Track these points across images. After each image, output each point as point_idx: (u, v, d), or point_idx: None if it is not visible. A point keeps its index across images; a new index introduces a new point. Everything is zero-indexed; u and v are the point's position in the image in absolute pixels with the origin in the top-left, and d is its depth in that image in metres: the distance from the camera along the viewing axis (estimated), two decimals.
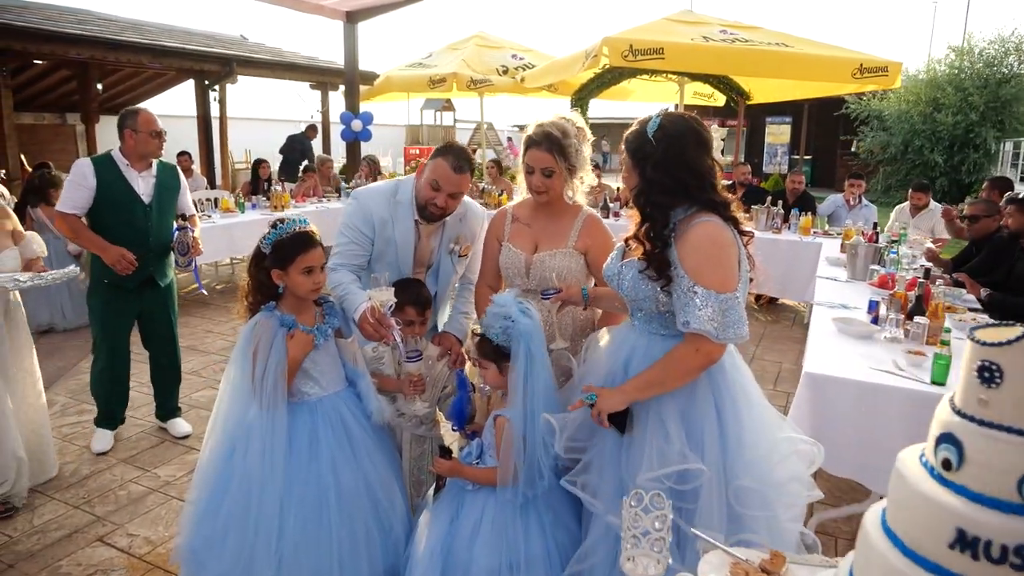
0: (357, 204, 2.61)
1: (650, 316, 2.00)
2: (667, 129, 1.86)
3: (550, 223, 2.50)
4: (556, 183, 2.39)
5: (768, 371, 5.26)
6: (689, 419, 1.90)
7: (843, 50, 7.82)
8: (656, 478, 1.80)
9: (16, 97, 10.95)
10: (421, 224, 2.62)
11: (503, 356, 2.15)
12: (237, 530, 2.09)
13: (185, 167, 9.16)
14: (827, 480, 3.47)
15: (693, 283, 1.80)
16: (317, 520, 2.12)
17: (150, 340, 3.93)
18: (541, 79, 9.41)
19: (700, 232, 1.84)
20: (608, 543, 1.94)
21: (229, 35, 14.25)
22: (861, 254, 4.65)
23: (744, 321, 1.85)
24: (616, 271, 2.05)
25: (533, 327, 2.12)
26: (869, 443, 2.66)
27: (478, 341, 2.23)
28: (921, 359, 2.84)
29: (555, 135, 2.33)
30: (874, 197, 16.29)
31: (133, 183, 3.56)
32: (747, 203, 7.25)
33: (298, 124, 17.64)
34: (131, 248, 3.51)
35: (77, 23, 9.71)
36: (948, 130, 16.74)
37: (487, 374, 2.22)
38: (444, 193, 2.48)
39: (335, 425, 2.24)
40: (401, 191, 2.60)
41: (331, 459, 2.19)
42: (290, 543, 2.09)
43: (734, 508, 1.84)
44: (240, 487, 2.12)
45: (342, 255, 2.57)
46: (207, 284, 7.91)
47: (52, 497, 3.29)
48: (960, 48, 17.76)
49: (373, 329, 2.31)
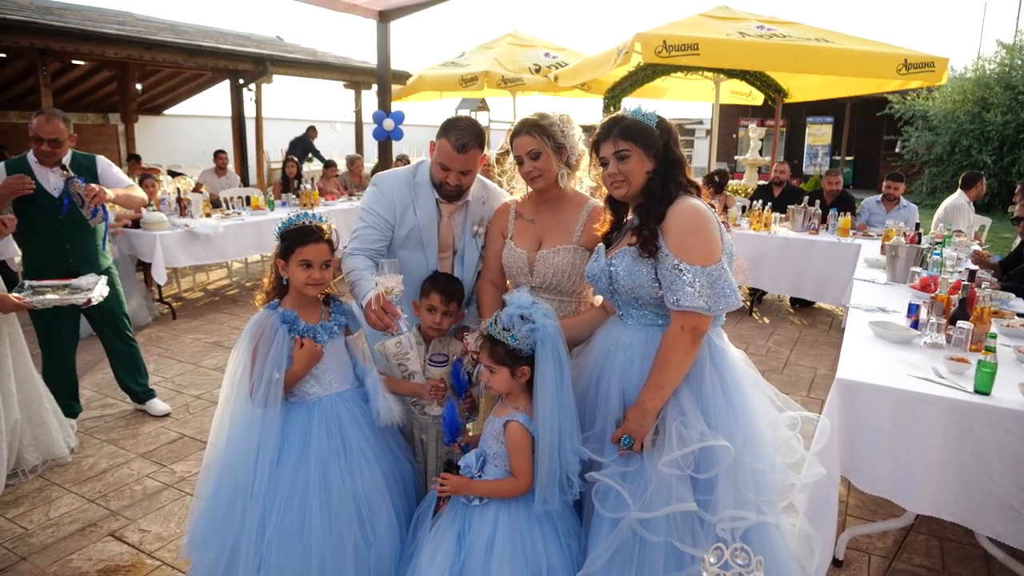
0: (377, 189, 2.58)
1: (645, 306, 2.03)
2: (663, 123, 2.03)
3: (554, 216, 2.41)
4: (546, 164, 2.31)
5: (802, 377, 5.07)
6: (703, 404, 1.93)
7: (886, 46, 7.54)
8: (675, 462, 1.83)
9: (60, 98, 11.28)
10: (443, 204, 2.57)
11: (519, 359, 2.03)
12: (224, 528, 2.07)
13: (221, 165, 9.30)
14: (860, 493, 3.30)
15: (678, 260, 1.88)
16: (300, 525, 2.05)
17: (99, 326, 4.02)
18: (574, 78, 9.28)
19: (679, 209, 1.95)
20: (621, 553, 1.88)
21: (264, 35, 14.44)
22: (902, 255, 4.45)
23: (735, 289, 1.92)
24: (604, 267, 2.07)
25: (557, 329, 2.02)
26: (905, 457, 2.49)
27: (489, 344, 2.07)
28: (964, 366, 2.66)
29: (533, 119, 2.33)
30: (919, 199, 15.80)
31: (43, 180, 3.62)
32: (784, 203, 7.04)
33: (333, 124, 17.90)
34: (49, 241, 3.65)
35: (117, 24, 9.90)
36: (997, 130, 16.10)
37: (496, 379, 2.07)
38: (454, 172, 2.43)
39: (331, 428, 2.17)
40: (420, 173, 2.57)
41: (321, 464, 2.11)
42: (272, 545, 2.03)
43: (743, 494, 1.85)
44: (230, 485, 2.09)
45: (360, 239, 2.54)
46: (239, 281, 7.98)
47: (69, 490, 3.30)
48: (1012, 45, 17.08)
49: (377, 317, 2.22)
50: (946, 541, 2.99)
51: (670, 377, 1.91)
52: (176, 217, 6.62)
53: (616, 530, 1.88)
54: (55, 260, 3.68)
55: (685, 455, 1.83)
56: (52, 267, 3.65)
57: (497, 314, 2.07)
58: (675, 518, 1.83)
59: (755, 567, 1.23)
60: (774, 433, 2.00)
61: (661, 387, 1.91)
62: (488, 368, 2.08)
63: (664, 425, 1.92)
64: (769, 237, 6.44)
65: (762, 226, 6.57)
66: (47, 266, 3.65)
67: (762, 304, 7.29)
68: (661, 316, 2.01)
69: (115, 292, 3.93)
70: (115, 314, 4.02)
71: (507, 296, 2.11)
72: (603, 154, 2.04)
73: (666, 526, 1.82)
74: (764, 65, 8.24)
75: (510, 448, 2.04)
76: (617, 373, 2.03)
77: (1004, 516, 2.36)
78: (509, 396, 2.11)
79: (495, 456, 2.09)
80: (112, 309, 3.96)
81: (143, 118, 13.18)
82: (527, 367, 2.03)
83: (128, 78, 11.04)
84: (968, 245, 5.59)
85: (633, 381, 2.00)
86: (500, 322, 2.05)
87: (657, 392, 1.91)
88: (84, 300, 3.35)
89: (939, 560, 2.86)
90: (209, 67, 11.08)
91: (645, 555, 1.85)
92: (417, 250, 2.55)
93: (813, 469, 2.07)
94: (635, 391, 1.98)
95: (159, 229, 6.06)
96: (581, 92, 10.66)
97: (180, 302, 7.00)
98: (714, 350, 2.01)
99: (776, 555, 1.89)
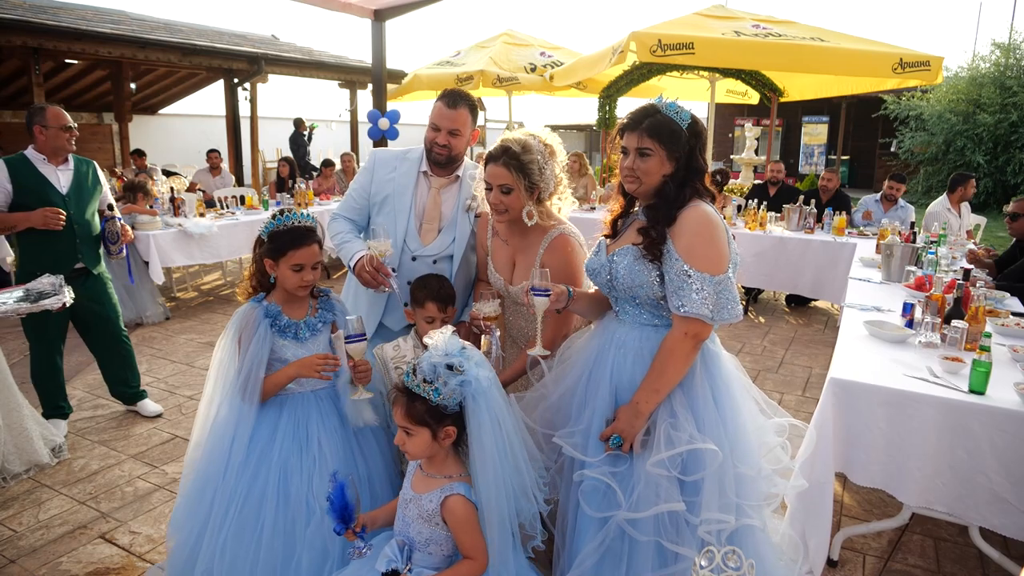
0: (370, 159, 2.77)
1: (642, 305, 2.00)
2: (695, 125, 1.94)
3: (523, 239, 2.38)
4: (514, 202, 2.22)
5: (797, 376, 5.06)
6: (693, 407, 1.92)
7: (882, 45, 7.54)
8: (662, 463, 1.81)
9: (54, 97, 11.21)
10: (432, 177, 2.66)
11: (443, 418, 1.70)
12: (194, 513, 2.11)
13: (214, 164, 9.26)
14: (856, 493, 3.30)
15: (687, 266, 1.85)
16: (255, 517, 2.05)
17: (89, 331, 3.97)
18: (569, 77, 9.27)
19: (691, 214, 1.91)
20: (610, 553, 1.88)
21: (260, 35, 14.41)
22: (897, 255, 4.44)
23: (737, 301, 1.91)
24: (604, 263, 2.03)
25: (492, 380, 1.73)
26: (899, 455, 2.48)
27: (405, 399, 1.72)
28: (959, 366, 2.66)
29: (514, 150, 2.19)
30: (915, 199, 15.81)
31: (50, 177, 3.63)
32: (779, 202, 7.04)
33: (329, 124, 17.85)
34: (58, 241, 3.62)
35: (111, 23, 9.86)
36: (990, 130, 16.14)
37: (413, 443, 1.72)
38: (444, 131, 2.53)
39: (298, 425, 2.15)
40: (413, 151, 2.73)
41: (283, 460, 2.10)
42: (230, 534, 2.04)
43: (728, 498, 1.83)
44: (203, 471, 2.13)
45: (343, 206, 2.75)
46: (233, 281, 7.95)
47: (59, 492, 3.27)
48: (1005, 45, 17.10)
49: (371, 276, 2.37)
50: (941, 541, 2.98)
51: (667, 381, 1.89)
52: (170, 216, 6.59)
53: (604, 529, 1.87)
54: (65, 257, 3.67)
55: (672, 456, 1.82)
56: (62, 263, 3.64)
57: (415, 362, 1.75)
58: (663, 517, 1.82)
59: (747, 570, 1.21)
60: (760, 438, 1.99)
61: (657, 391, 1.89)
62: (403, 429, 1.73)
63: (653, 426, 1.90)
64: (764, 236, 6.43)
65: (757, 225, 6.57)
66: (57, 262, 3.62)
67: (757, 303, 7.28)
68: (657, 316, 2.00)
69: (109, 294, 3.93)
70: (111, 319, 3.97)
71: (428, 339, 1.81)
72: (626, 144, 1.96)
73: (654, 525, 1.82)
74: (760, 64, 8.25)
75: (455, 528, 1.73)
76: (608, 371, 2.00)
77: (998, 509, 2.37)
78: (432, 462, 1.79)
79: (427, 542, 1.76)
80: (108, 315, 3.93)
81: (138, 117, 13.14)
82: (452, 427, 1.72)
83: (122, 77, 11.00)
84: (964, 244, 5.59)
85: (624, 380, 1.98)
86: (420, 372, 1.70)
87: (653, 396, 1.89)
88: (59, 305, 3.24)
89: (934, 560, 2.85)
90: (204, 66, 11.05)
91: (634, 554, 1.85)
92: (389, 217, 2.64)
93: (796, 481, 2.08)
94: (626, 390, 1.96)
95: (151, 229, 6.04)
96: (576, 91, 10.68)
97: (174, 302, 6.97)
98: (707, 354, 1.99)
99: (761, 558, 1.89)
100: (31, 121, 3.59)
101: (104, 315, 3.92)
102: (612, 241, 2.11)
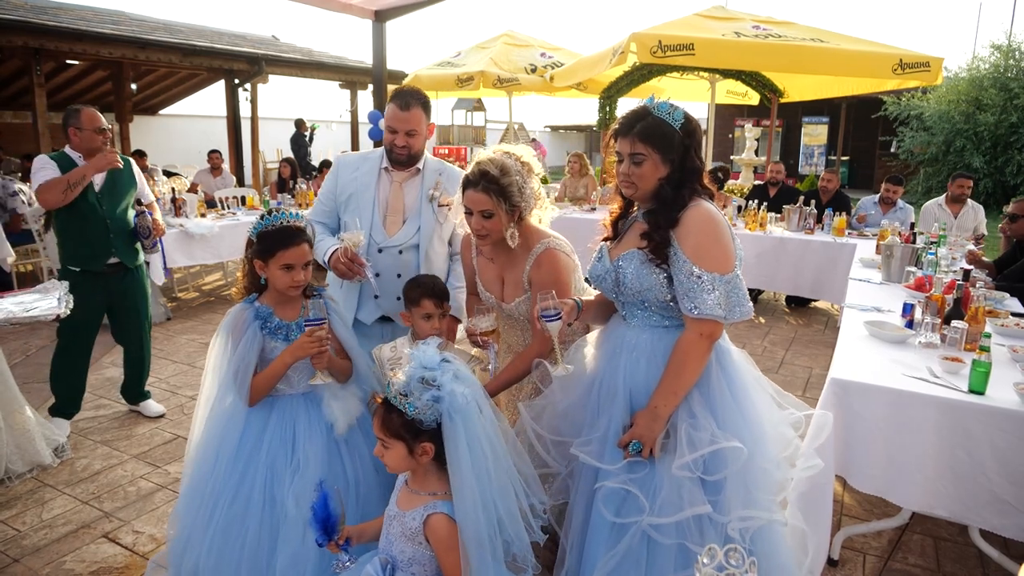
0: (334, 165, 2.87)
1: (651, 308, 1.99)
2: (688, 124, 1.92)
3: (508, 256, 2.34)
4: (496, 226, 2.18)
5: (798, 376, 5.07)
6: (711, 405, 1.91)
7: (882, 45, 7.56)
8: (687, 465, 1.80)
9: (54, 98, 11.22)
10: (394, 172, 2.74)
11: (419, 433, 1.63)
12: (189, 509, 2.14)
13: (215, 165, 9.27)
14: (856, 493, 3.31)
15: (696, 268, 1.84)
16: (241, 517, 2.06)
17: (122, 332, 4.06)
18: (569, 78, 9.29)
19: (694, 214, 1.90)
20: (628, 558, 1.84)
21: (260, 35, 14.42)
22: (897, 255, 4.45)
23: (747, 297, 1.92)
24: (609, 268, 2.01)
25: (470, 397, 1.63)
26: (899, 456, 2.49)
27: (383, 410, 1.66)
28: (958, 366, 2.66)
29: (493, 174, 2.14)
30: (915, 199, 15.83)
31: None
32: (779, 203, 7.04)
33: (329, 124, 17.87)
34: (92, 236, 3.71)
35: (111, 23, 9.87)
36: (990, 130, 16.17)
37: (390, 456, 1.65)
38: (401, 133, 2.61)
39: (285, 427, 2.15)
40: (375, 152, 2.81)
41: (269, 461, 2.10)
42: (218, 533, 2.06)
43: (752, 494, 1.83)
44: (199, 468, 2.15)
45: (314, 211, 2.86)
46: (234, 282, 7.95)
47: (63, 492, 3.28)
48: (1005, 46, 17.12)
49: (346, 267, 2.46)
50: (941, 541, 2.99)
51: (684, 383, 1.88)
52: (171, 217, 6.61)
53: (627, 535, 1.83)
54: (100, 251, 3.75)
55: (696, 458, 1.79)
56: (98, 258, 3.75)
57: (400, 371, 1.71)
58: (687, 520, 1.79)
59: (748, 567, 1.22)
60: (776, 430, 1.98)
61: (675, 393, 1.87)
62: (380, 441, 1.67)
63: (673, 428, 1.88)
64: (765, 237, 6.44)
65: (758, 226, 6.58)
66: (94, 257, 3.74)
67: (758, 303, 7.29)
68: (666, 317, 1.98)
69: (145, 293, 4.04)
70: (140, 313, 4.03)
71: (411, 351, 1.75)
72: (619, 149, 1.93)
73: (677, 528, 1.79)
74: (760, 65, 8.26)
75: (438, 548, 1.64)
76: (621, 376, 1.98)
77: (998, 510, 2.37)
78: (416, 477, 1.73)
79: (410, 562, 1.68)
80: (139, 309, 4.02)
81: (138, 118, 13.14)
82: (429, 444, 1.64)
83: (123, 78, 11.00)
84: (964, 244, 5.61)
85: (639, 383, 1.95)
86: (396, 383, 1.64)
87: (671, 398, 1.87)
88: (52, 316, 3.22)
89: (934, 559, 2.86)
90: (204, 67, 11.06)
91: (654, 557, 1.82)
92: (355, 212, 2.70)
93: (811, 461, 2.01)
94: (641, 393, 1.94)
95: None
96: (577, 92, 10.68)
97: (175, 302, 6.98)
98: (719, 350, 1.97)
99: (780, 554, 1.88)
100: (66, 123, 3.69)
101: (136, 309, 4.00)
102: (614, 244, 2.09)
